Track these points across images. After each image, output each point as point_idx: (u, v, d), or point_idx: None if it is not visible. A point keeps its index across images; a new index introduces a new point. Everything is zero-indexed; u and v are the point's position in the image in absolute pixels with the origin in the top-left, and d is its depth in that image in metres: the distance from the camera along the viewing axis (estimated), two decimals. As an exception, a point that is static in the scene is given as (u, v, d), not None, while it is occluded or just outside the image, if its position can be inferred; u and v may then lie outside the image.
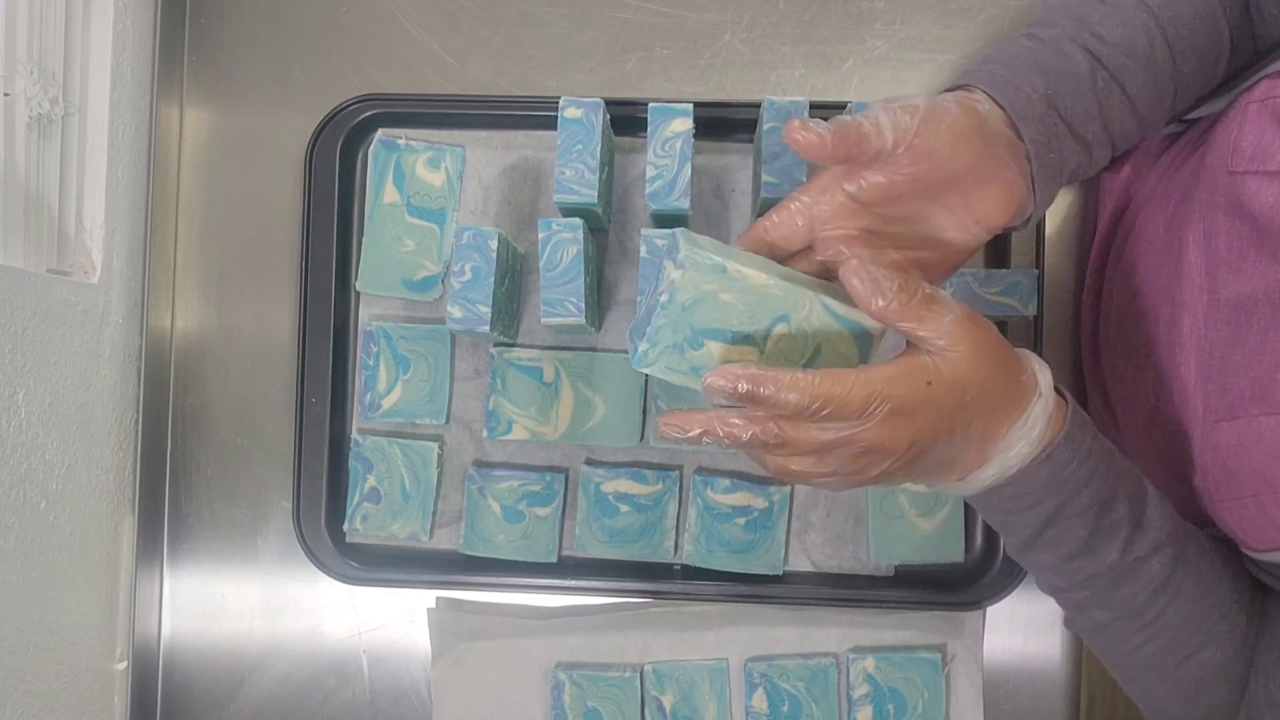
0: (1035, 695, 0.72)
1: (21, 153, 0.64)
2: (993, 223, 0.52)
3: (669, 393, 0.70)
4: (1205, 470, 0.55)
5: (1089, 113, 0.53)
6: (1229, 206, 0.53)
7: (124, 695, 0.74)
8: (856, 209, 0.52)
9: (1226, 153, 0.53)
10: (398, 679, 0.74)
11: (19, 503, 0.63)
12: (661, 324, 0.49)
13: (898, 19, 0.73)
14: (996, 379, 0.48)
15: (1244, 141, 0.52)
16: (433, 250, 0.72)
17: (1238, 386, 0.52)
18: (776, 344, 0.50)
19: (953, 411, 0.47)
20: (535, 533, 0.70)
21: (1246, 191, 0.51)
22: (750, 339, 0.50)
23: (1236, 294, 0.53)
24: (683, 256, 0.48)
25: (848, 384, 0.45)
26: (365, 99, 0.71)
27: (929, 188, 0.51)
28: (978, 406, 0.48)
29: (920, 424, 0.47)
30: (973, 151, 0.50)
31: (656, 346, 0.49)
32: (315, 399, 0.71)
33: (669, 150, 0.64)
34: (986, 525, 0.71)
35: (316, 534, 0.71)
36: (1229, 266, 0.53)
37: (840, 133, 0.48)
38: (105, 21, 0.70)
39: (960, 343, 0.47)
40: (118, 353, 0.73)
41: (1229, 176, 0.53)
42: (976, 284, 0.64)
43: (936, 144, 0.49)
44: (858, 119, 0.49)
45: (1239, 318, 0.52)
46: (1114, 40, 0.53)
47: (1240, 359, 0.52)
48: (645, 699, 0.71)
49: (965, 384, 0.47)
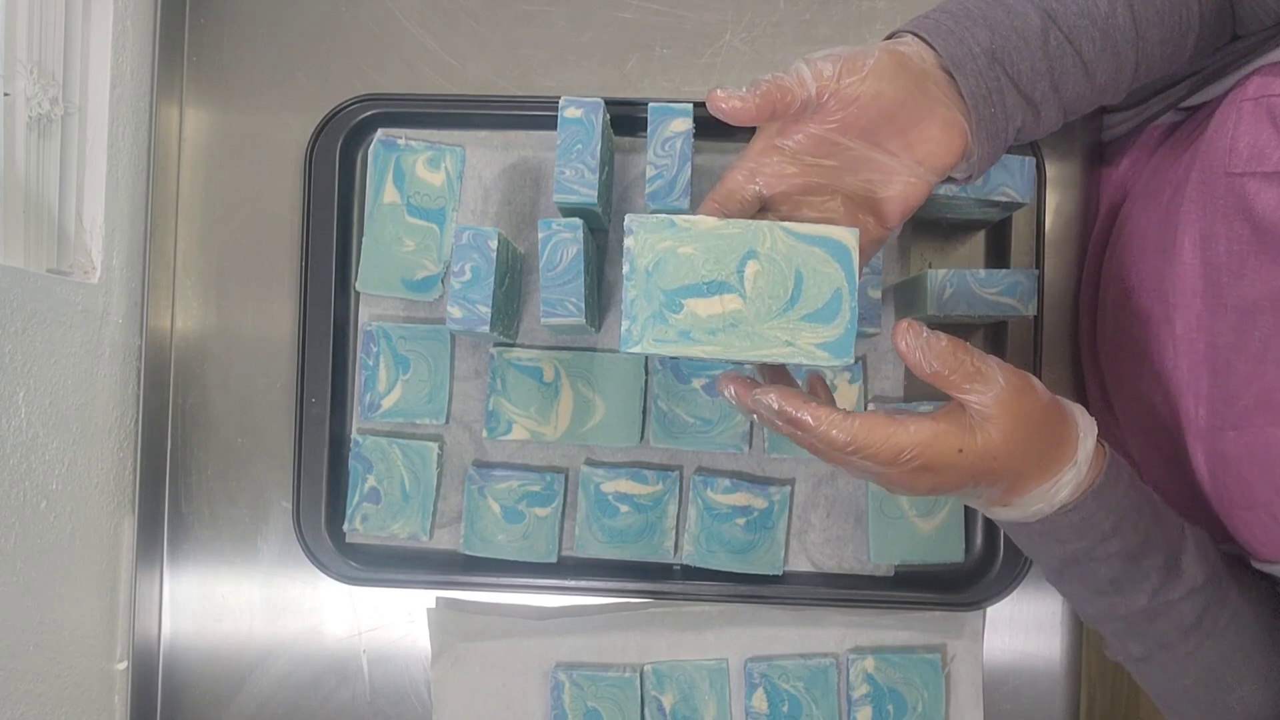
0: (1035, 695, 0.72)
1: (21, 153, 0.64)
2: (937, 162, 0.52)
3: (669, 392, 0.70)
4: (1215, 478, 0.55)
5: (1037, 71, 0.52)
6: (1228, 209, 0.53)
7: (124, 695, 0.74)
8: (799, 164, 0.52)
9: (1223, 153, 0.53)
10: (398, 679, 0.74)
11: (19, 503, 0.63)
12: (633, 296, 0.49)
13: (898, 19, 0.73)
14: (1031, 450, 0.49)
15: (1240, 142, 0.52)
16: (433, 250, 0.72)
17: (1243, 395, 0.52)
18: (755, 285, 0.49)
19: (978, 475, 0.48)
20: (535, 533, 0.70)
21: (1246, 193, 0.51)
22: (727, 286, 0.49)
23: (1238, 299, 0.52)
24: (629, 222, 0.49)
25: (884, 436, 0.47)
26: (365, 99, 0.71)
27: (864, 131, 0.51)
28: (1005, 471, 0.49)
29: (942, 479, 0.48)
30: (900, 89, 0.50)
31: (637, 321, 0.49)
32: (315, 399, 0.71)
33: (669, 150, 0.64)
34: (986, 525, 0.71)
35: (316, 534, 0.71)
36: (1230, 271, 0.53)
37: (763, 91, 0.49)
38: (105, 21, 0.70)
39: (1002, 416, 0.47)
40: (118, 353, 0.73)
41: (1227, 178, 0.53)
42: (976, 284, 0.64)
43: (860, 88, 0.49)
44: (777, 75, 0.49)
45: (1242, 324, 0.52)
46: (1070, 1, 0.53)
47: (1244, 366, 0.52)
48: (645, 699, 0.71)
49: (996, 454, 0.48)
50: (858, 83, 0.49)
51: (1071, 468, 0.50)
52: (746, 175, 0.53)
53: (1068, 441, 0.50)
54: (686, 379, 0.71)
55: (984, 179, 0.63)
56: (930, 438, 0.47)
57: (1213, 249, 0.54)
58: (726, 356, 0.49)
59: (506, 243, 0.65)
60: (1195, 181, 0.56)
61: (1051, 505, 0.50)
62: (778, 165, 0.52)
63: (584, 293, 0.63)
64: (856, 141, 0.51)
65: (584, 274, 0.63)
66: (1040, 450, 0.49)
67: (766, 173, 0.53)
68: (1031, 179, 0.64)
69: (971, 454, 0.48)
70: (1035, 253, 0.69)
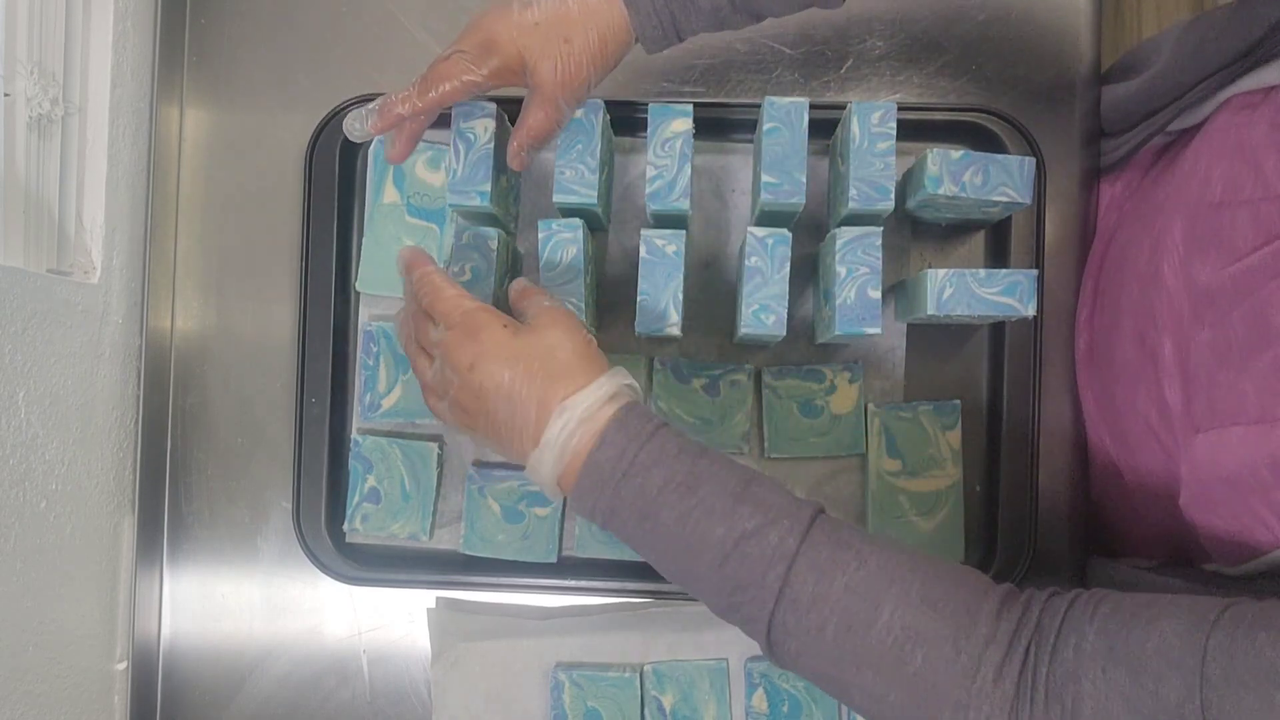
0: (1035, 695, 0.72)
1: (21, 153, 0.64)
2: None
3: (669, 392, 0.70)
4: (1187, 486, 0.56)
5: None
6: (1205, 238, 0.54)
7: (124, 695, 0.74)
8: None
9: (1200, 184, 0.54)
10: (398, 679, 0.74)
11: (19, 503, 0.63)
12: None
13: (898, 19, 0.73)
14: (563, 354, 0.52)
15: (1214, 173, 0.54)
16: (433, 250, 0.72)
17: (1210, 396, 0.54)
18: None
19: (515, 358, 0.51)
20: (535, 533, 0.70)
21: (1221, 223, 0.53)
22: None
23: (1216, 326, 0.53)
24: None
25: (451, 293, 0.54)
26: (365, 99, 0.71)
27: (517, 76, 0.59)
28: (541, 369, 0.51)
29: (481, 349, 0.51)
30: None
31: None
32: (315, 399, 0.71)
33: (669, 150, 0.64)
34: (985, 525, 0.71)
35: (316, 534, 0.71)
36: (1207, 299, 0.54)
37: (382, 110, 0.59)
38: (105, 21, 0.70)
39: (547, 323, 0.53)
40: (118, 353, 0.73)
41: (1207, 209, 0.54)
42: (976, 284, 0.64)
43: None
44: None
45: (1219, 348, 0.53)
46: None
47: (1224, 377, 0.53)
48: (645, 699, 0.71)
49: (534, 348, 0.52)
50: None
51: (602, 383, 0.51)
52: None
53: (605, 368, 0.52)
54: (687, 379, 0.71)
55: (984, 179, 0.63)
56: (483, 306, 0.53)
57: (1192, 275, 0.55)
58: None
59: (506, 243, 0.65)
60: (1176, 212, 0.58)
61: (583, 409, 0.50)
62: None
63: (584, 293, 0.63)
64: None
65: (584, 274, 0.63)
66: (573, 360, 0.52)
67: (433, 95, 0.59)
68: (1031, 180, 0.64)
69: (517, 334, 0.52)
70: (1035, 253, 0.69)
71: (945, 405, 0.70)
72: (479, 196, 0.63)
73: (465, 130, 0.63)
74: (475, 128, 0.63)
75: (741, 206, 0.72)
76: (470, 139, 0.63)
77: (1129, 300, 0.64)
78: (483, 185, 0.63)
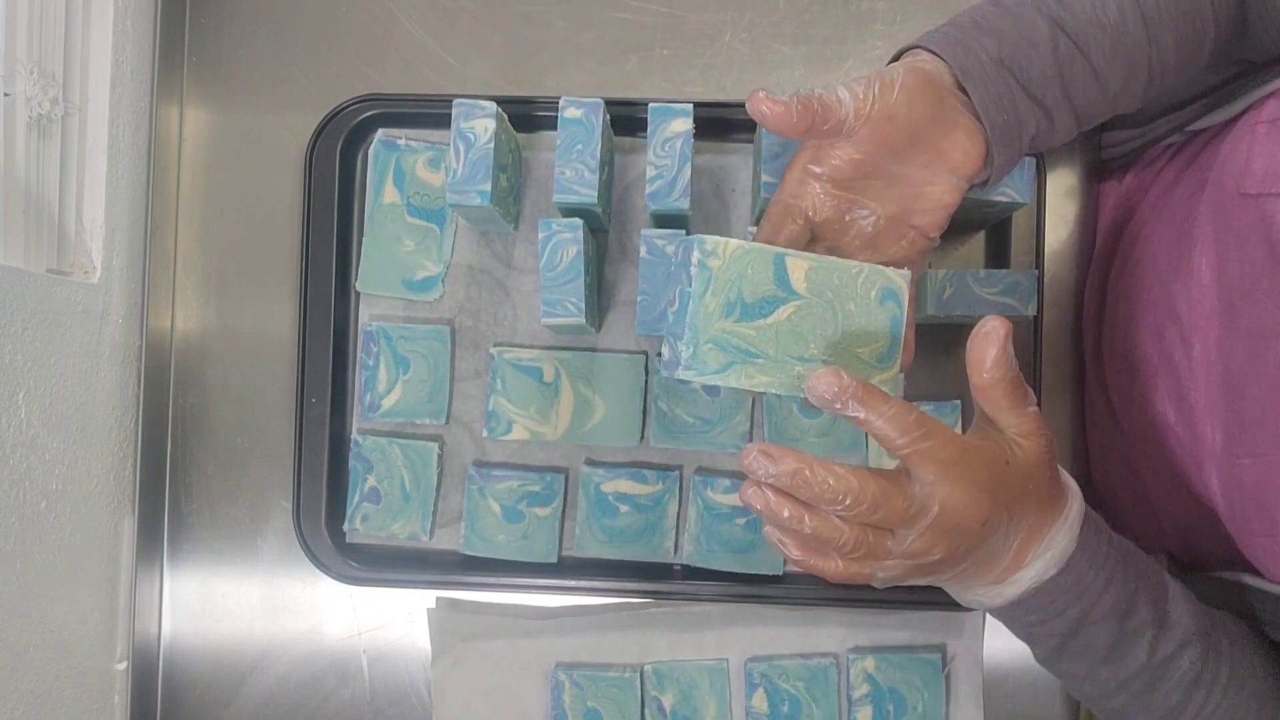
0: (1035, 695, 0.72)
1: (21, 153, 0.64)
2: (966, 168, 0.53)
3: (669, 392, 0.70)
4: (1231, 504, 0.55)
5: (1047, 77, 0.53)
6: (1242, 230, 0.53)
7: (124, 695, 0.74)
8: (837, 188, 0.53)
9: (1237, 175, 0.53)
10: (398, 679, 0.74)
11: (19, 503, 0.63)
12: (690, 322, 0.49)
13: (898, 19, 0.73)
14: (1045, 475, 0.49)
15: (1255, 164, 0.52)
16: (433, 250, 0.72)
17: (1259, 422, 0.52)
18: (806, 321, 0.50)
19: (1012, 503, 0.48)
20: (535, 533, 0.70)
21: (1261, 214, 0.51)
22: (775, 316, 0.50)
23: (1252, 324, 0.52)
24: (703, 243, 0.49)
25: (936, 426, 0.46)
26: (365, 99, 0.71)
27: (897, 150, 0.52)
28: (1034, 499, 0.49)
29: (997, 500, 0.47)
30: (929, 104, 0.51)
31: (692, 347, 0.49)
32: (315, 399, 0.71)
33: (669, 150, 0.64)
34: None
35: (316, 534, 0.71)
36: (1243, 295, 0.53)
37: (804, 102, 0.49)
38: (105, 21, 0.70)
39: (1036, 434, 0.48)
40: (118, 353, 0.73)
41: (1241, 199, 0.53)
42: (976, 284, 0.64)
43: (894, 108, 0.50)
44: (818, 91, 0.50)
45: (1256, 349, 0.52)
46: (1079, 8, 0.54)
47: (1257, 393, 0.52)
48: (645, 699, 0.71)
49: (1031, 473, 0.48)
50: (890, 103, 0.50)
51: (1075, 497, 0.51)
52: (787, 209, 0.54)
53: (1061, 471, 0.51)
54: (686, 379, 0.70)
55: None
56: (979, 440, 0.48)
57: (1227, 270, 0.54)
58: (773, 390, 0.50)
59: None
60: (1209, 202, 0.56)
61: (1072, 539, 0.50)
62: (818, 192, 0.54)
63: (584, 293, 0.63)
64: (891, 159, 0.52)
65: (584, 274, 0.63)
66: (1051, 478, 0.50)
67: (806, 202, 0.54)
68: (1031, 179, 0.64)
69: (1016, 467, 0.48)
70: (1035, 253, 0.69)
71: (945, 405, 0.70)
72: (479, 196, 0.63)
73: (465, 130, 0.63)
74: (475, 128, 0.63)
75: (741, 206, 0.72)
76: (470, 139, 0.63)
77: (1146, 296, 0.63)
78: (483, 185, 0.63)
